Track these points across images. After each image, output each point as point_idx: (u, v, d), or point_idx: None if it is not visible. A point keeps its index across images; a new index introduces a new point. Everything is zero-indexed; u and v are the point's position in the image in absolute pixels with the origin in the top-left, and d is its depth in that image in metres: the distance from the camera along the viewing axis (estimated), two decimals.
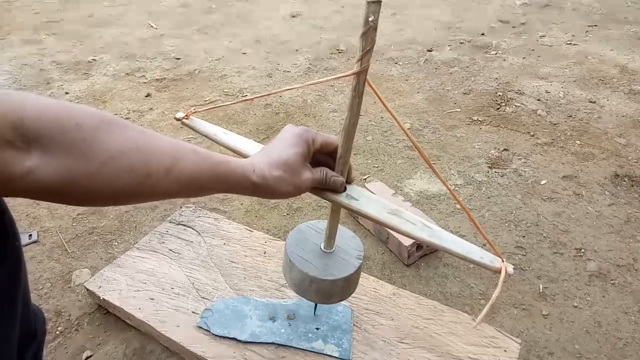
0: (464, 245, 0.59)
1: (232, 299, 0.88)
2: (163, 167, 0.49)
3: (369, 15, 0.48)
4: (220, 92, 1.93)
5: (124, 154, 0.47)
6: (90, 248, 1.14)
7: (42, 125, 0.41)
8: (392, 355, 0.78)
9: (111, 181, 0.46)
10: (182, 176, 0.51)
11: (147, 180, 0.48)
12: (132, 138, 0.49)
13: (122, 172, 0.46)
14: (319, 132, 0.60)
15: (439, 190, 1.31)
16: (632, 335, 0.90)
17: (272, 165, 0.55)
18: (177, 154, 0.51)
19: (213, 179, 0.53)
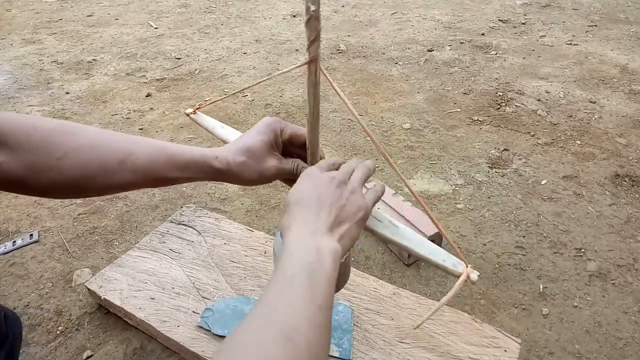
0: (428, 246, 0.57)
1: (232, 298, 0.88)
2: (116, 160, 0.54)
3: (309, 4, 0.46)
4: (221, 92, 1.93)
5: (77, 150, 0.53)
6: (91, 248, 1.14)
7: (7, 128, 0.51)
8: (392, 355, 0.78)
9: (67, 174, 0.53)
10: (137, 167, 0.55)
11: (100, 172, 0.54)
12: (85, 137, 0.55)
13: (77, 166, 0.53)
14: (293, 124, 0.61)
15: (440, 190, 1.31)
16: (632, 335, 0.91)
17: (237, 151, 0.57)
18: (131, 147, 0.56)
19: (169, 167, 0.56)
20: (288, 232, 0.48)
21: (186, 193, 1.33)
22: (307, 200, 0.49)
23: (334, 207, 0.49)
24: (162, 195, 1.32)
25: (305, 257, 0.44)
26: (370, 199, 0.54)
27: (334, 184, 0.51)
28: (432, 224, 1.08)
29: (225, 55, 2.28)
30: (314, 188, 0.50)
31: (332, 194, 0.50)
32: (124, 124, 1.71)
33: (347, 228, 0.49)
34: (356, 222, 0.50)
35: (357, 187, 0.52)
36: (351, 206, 0.50)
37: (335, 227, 0.48)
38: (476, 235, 1.15)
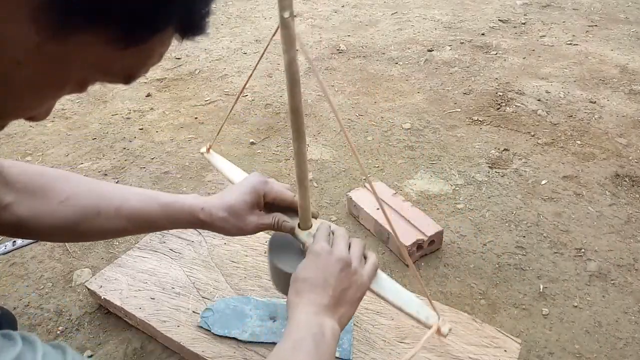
0: (404, 297, 0.60)
1: (232, 298, 0.88)
2: (112, 207, 0.60)
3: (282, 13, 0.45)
4: (221, 92, 1.93)
5: (76, 196, 0.59)
6: (91, 248, 1.14)
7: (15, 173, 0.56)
8: (392, 355, 0.78)
9: (67, 218, 0.58)
10: (131, 214, 0.61)
11: (98, 218, 0.60)
12: (85, 184, 0.61)
13: (76, 210, 0.58)
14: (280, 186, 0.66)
15: (440, 190, 1.31)
16: (632, 336, 0.91)
17: (219, 207, 0.62)
18: (126, 195, 0.62)
19: (161, 216, 0.62)
20: (295, 309, 0.53)
21: (186, 193, 1.33)
22: (315, 280, 0.54)
23: (337, 290, 0.54)
24: None
25: (311, 329, 0.51)
26: (369, 275, 0.59)
27: (339, 266, 0.55)
28: (432, 224, 1.08)
29: (225, 55, 2.28)
30: (321, 270, 0.55)
31: (337, 278, 0.55)
32: (124, 124, 1.71)
33: (347, 309, 0.55)
34: (355, 302, 0.57)
35: (359, 266, 0.57)
36: (353, 289, 0.56)
37: (336, 308, 0.54)
38: (476, 235, 1.15)
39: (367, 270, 0.58)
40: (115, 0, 0.28)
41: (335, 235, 0.60)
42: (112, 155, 1.52)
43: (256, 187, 0.64)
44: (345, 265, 0.56)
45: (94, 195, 0.60)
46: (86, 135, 1.63)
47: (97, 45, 0.30)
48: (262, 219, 0.64)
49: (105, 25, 0.29)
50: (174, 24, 0.34)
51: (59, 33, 0.28)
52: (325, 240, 0.58)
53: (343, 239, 0.59)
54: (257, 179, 0.65)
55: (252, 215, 0.63)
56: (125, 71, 0.36)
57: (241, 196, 0.63)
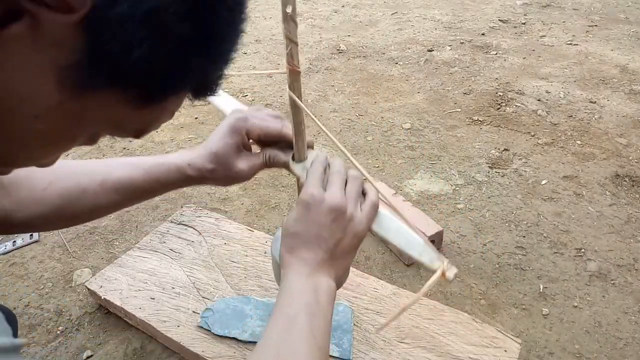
0: (407, 236, 0.53)
1: (232, 298, 0.88)
2: (96, 182, 0.58)
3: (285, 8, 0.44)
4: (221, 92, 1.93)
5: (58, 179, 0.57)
6: (91, 248, 1.14)
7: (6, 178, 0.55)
8: (392, 355, 0.78)
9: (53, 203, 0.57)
10: (117, 185, 0.59)
11: (84, 195, 0.58)
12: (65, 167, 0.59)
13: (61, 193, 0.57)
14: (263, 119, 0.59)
15: (440, 190, 1.31)
16: (632, 336, 0.91)
17: (205, 158, 0.58)
18: (109, 169, 0.59)
19: (149, 181, 0.59)
20: (287, 271, 0.50)
21: (186, 193, 1.33)
22: (306, 235, 0.50)
23: (331, 243, 0.50)
24: (162, 196, 1.32)
25: (305, 298, 0.47)
26: (368, 219, 0.53)
27: (332, 217, 0.49)
28: (432, 224, 1.08)
29: None
30: (313, 222, 0.50)
31: (330, 229, 0.49)
32: None
33: (343, 261, 0.51)
34: (352, 251, 0.52)
35: (355, 210, 0.51)
36: (349, 238, 0.51)
37: (332, 263, 0.50)
38: (476, 235, 1.15)
39: (365, 214, 0.52)
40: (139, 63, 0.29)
41: (330, 173, 0.53)
42: (112, 155, 1.52)
43: (236, 127, 0.58)
44: (339, 213, 0.50)
45: (76, 174, 0.58)
46: None
47: (115, 104, 0.31)
48: (251, 160, 0.59)
49: (125, 86, 0.30)
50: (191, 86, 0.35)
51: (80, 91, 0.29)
52: (318, 184, 0.51)
53: (338, 178, 0.53)
54: (234, 117, 0.58)
55: (240, 159, 0.58)
56: (138, 127, 0.36)
57: (222, 140, 0.57)
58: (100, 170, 0.59)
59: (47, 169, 0.56)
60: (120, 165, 0.60)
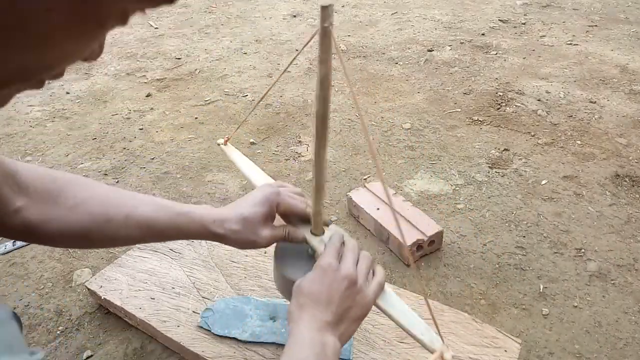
0: (410, 317, 0.60)
1: (232, 298, 0.88)
2: (122, 214, 0.59)
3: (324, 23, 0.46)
4: (221, 92, 1.93)
5: (88, 201, 0.58)
6: None
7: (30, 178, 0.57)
8: (392, 355, 0.78)
9: (76, 223, 0.57)
10: (141, 223, 0.60)
11: (108, 225, 0.59)
12: (96, 190, 0.60)
13: (85, 216, 0.58)
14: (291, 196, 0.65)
15: (440, 190, 1.31)
16: (632, 336, 0.91)
17: (232, 220, 0.62)
18: (137, 202, 0.61)
19: (171, 227, 0.61)
20: (297, 323, 0.53)
21: (186, 193, 1.33)
22: (319, 296, 0.54)
23: (341, 308, 0.54)
24: (162, 195, 1.32)
25: (313, 348, 0.51)
26: (375, 294, 0.58)
27: (345, 285, 0.55)
28: (432, 224, 1.08)
29: (225, 55, 2.28)
30: (327, 286, 0.55)
31: (341, 296, 0.55)
32: (124, 124, 1.71)
33: (349, 327, 0.56)
34: (358, 320, 0.57)
35: (364, 284, 0.57)
36: (357, 308, 0.56)
37: (338, 326, 0.54)
38: (476, 235, 1.15)
39: (373, 289, 0.58)
40: None
41: (345, 249, 0.60)
42: (112, 155, 1.52)
43: (269, 199, 0.63)
44: (350, 283, 0.56)
45: (104, 202, 0.60)
46: (86, 135, 1.63)
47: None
48: (274, 230, 0.64)
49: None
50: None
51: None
52: (335, 255, 0.58)
53: (352, 254, 0.59)
54: (269, 190, 0.64)
55: (265, 228, 0.63)
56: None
57: (254, 208, 0.62)
58: (129, 203, 0.60)
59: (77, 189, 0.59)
60: (147, 204, 0.61)
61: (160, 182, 1.38)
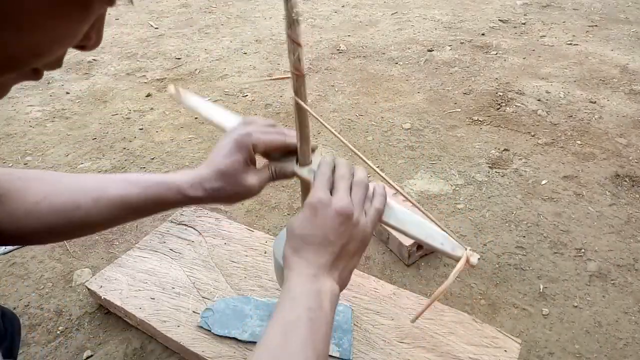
0: (426, 228, 0.55)
1: (232, 298, 0.88)
2: (90, 198, 0.56)
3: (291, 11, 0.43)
4: (221, 92, 1.93)
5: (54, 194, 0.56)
6: (91, 248, 1.14)
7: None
8: (392, 355, 0.78)
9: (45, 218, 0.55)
10: (111, 203, 0.56)
11: (77, 212, 0.56)
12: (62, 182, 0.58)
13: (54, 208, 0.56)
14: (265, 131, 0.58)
15: (440, 190, 1.31)
16: (632, 336, 0.91)
17: (210, 178, 0.56)
18: (104, 184, 0.58)
19: (144, 199, 0.57)
20: (290, 272, 0.50)
21: None
22: (312, 238, 0.50)
23: (337, 246, 0.50)
24: None
25: (307, 302, 0.47)
26: (373, 224, 0.54)
27: (339, 221, 0.50)
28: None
29: (225, 55, 2.28)
30: (320, 226, 0.50)
31: (337, 233, 0.50)
32: (124, 124, 1.71)
33: (348, 263, 0.52)
34: (357, 255, 0.52)
35: (360, 215, 0.52)
36: (354, 242, 0.51)
37: (336, 266, 0.51)
38: (476, 235, 1.15)
39: (370, 219, 0.53)
40: None
41: (336, 178, 0.54)
42: (112, 155, 1.52)
43: (243, 142, 0.56)
44: (345, 218, 0.50)
45: (71, 190, 0.57)
46: (86, 135, 1.63)
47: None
48: (259, 174, 0.59)
49: None
50: None
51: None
52: (325, 187, 0.52)
53: (344, 182, 0.53)
54: (239, 133, 0.57)
55: (249, 175, 0.57)
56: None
57: (230, 158, 0.56)
58: (96, 187, 0.57)
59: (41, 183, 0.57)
60: (116, 182, 0.58)
61: None
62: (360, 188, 0.54)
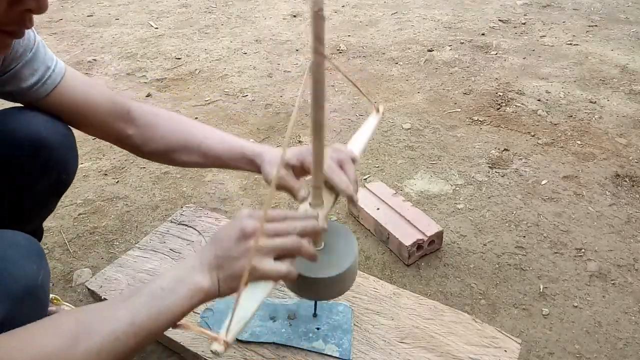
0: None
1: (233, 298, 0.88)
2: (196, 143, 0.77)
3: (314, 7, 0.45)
4: (221, 92, 1.93)
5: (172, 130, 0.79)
6: (91, 248, 1.14)
7: (138, 113, 0.79)
8: (392, 355, 0.78)
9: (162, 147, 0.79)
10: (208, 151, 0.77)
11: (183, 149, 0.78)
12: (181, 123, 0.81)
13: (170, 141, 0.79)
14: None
15: (440, 190, 1.31)
16: (632, 336, 0.91)
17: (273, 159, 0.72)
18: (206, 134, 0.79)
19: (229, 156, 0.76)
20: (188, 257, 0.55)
21: (186, 193, 1.33)
22: (214, 238, 0.55)
23: (224, 252, 0.53)
24: (162, 196, 1.32)
25: (162, 283, 0.51)
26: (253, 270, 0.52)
27: (237, 236, 0.53)
28: (432, 224, 1.08)
29: (225, 55, 2.28)
30: (225, 231, 0.54)
31: (230, 244, 0.53)
32: None
33: (226, 277, 0.53)
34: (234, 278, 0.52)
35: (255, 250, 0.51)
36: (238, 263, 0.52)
37: (215, 271, 0.53)
38: (476, 235, 1.15)
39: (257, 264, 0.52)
40: None
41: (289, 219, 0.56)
42: (112, 155, 1.52)
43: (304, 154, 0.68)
44: (244, 237, 0.52)
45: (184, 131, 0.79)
46: (86, 135, 1.63)
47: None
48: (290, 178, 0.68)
49: None
50: None
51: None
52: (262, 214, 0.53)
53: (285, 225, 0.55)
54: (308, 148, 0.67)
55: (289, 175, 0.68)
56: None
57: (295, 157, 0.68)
58: (201, 135, 0.78)
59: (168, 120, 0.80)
60: (214, 136, 0.78)
61: (160, 182, 1.38)
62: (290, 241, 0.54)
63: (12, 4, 0.50)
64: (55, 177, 0.78)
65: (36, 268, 0.60)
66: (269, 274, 0.54)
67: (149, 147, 0.79)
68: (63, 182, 0.80)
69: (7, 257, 0.57)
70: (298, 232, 0.55)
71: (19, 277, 0.56)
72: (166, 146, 0.79)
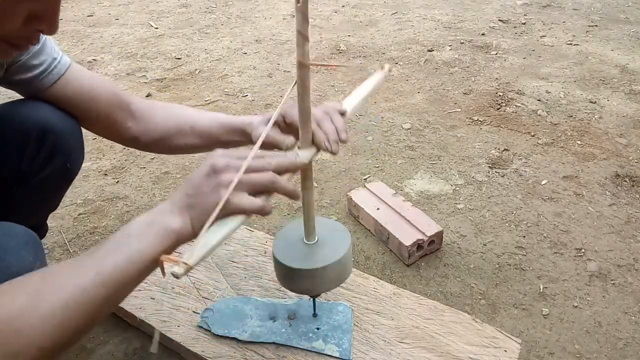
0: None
1: (232, 298, 0.88)
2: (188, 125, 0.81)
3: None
4: (221, 92, 1.93)
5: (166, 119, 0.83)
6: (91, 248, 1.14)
7: (139, 106, 0.83)
8: (392, 355, 0.78)
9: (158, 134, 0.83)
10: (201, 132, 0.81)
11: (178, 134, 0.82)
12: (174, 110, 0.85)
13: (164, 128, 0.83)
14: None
15: (440, 190, 1.31)
16: (632, 336, 0.91)
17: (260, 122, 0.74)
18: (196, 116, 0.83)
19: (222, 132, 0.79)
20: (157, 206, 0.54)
21: None
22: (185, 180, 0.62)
23: (194, 191, 0.52)
24: (162, 196, 1.32)
25: (130, 229, 0.50)
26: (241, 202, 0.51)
27: (207, 171, 0.52)
28: (432, 224, 1.08)
29: (225, 55, 2.28)
30: (196, 171, 0.54)
31: (201, 180, 0.52)
32: None
33: (199, 214, 0.51)
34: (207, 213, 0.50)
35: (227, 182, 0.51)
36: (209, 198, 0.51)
37: (186, 210, 0.52)
38: (476, 235, 1.15)
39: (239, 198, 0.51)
40: None
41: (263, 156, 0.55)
42: (112, 155, 1.52)
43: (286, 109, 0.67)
44: (213, 172, 0.52)
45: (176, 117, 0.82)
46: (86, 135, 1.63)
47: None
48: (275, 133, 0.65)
49: None
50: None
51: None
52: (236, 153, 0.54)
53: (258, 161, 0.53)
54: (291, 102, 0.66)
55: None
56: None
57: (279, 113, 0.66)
58: (193, 117, 0.81)
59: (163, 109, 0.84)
60: (206, 116, 0.81)
61: (160, 182, 1.38)
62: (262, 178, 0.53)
63: (27, 23, 0.52)
64: (60, 165, 0.80)
65: (32, 259, 0.60)
66: (242, 207, 0.51)
67: (147, 137, 0.83)
68: (68, 171, 0.82)
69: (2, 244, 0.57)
70: (273, 167, 0.54)
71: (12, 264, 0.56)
72: (162, 133, 0.82)
